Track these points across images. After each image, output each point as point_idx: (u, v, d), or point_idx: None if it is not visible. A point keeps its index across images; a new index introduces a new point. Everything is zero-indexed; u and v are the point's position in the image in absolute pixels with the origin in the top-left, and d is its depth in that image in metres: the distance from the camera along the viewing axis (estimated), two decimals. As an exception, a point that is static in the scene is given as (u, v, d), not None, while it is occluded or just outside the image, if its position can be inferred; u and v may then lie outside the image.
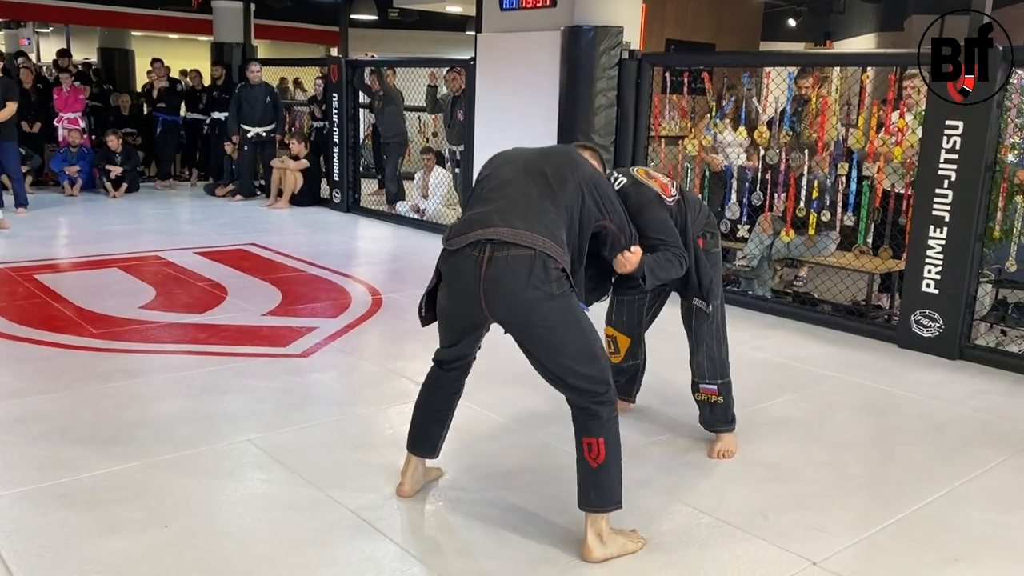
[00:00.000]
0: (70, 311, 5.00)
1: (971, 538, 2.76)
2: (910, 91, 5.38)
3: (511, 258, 2.42)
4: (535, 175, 2.59)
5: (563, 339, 2.47)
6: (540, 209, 2.51)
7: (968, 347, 4.70)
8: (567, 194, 2.56)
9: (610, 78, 6.18)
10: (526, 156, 2.70)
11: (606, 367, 2.54)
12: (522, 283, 2.41)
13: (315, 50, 18.54)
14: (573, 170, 2.61)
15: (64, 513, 2.69)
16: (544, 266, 2.42)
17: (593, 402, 2.49)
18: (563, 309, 2.46)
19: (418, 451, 2.87)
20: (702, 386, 3.34)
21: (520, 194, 2.54)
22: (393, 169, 9.41)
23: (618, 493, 2.55)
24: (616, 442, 2.53)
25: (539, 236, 2.44)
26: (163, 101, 10.71)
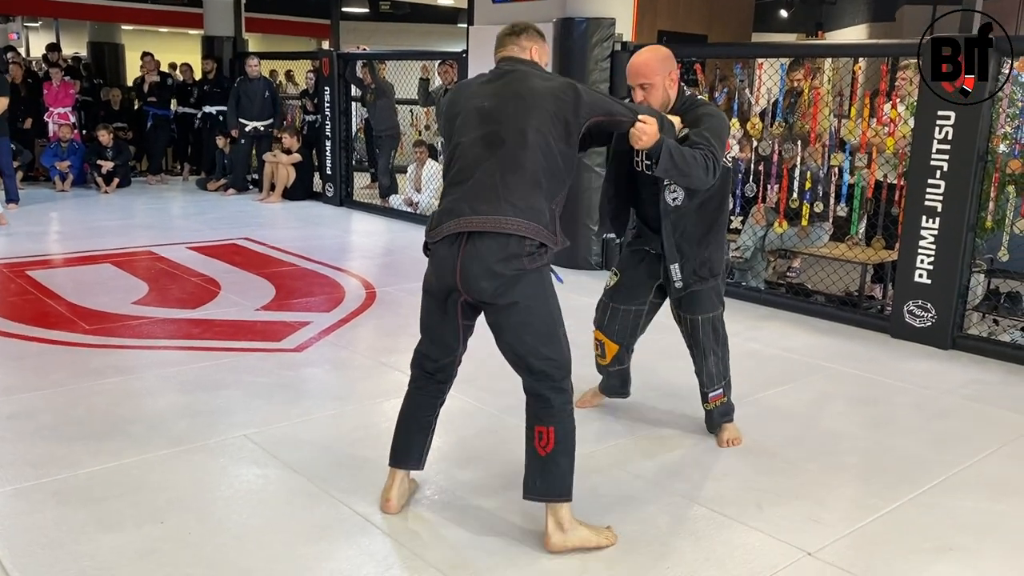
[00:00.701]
0: (62, 307, 4.98)
1: (965, 527, 2.78)
2: (902, 82, 5.38)
3: (486, 240, 2.42)
4: (494, 145, 2.48)
5: (531, 317, 2.47)
6: (505, 187, 2.44)
7: (961, 337, 4.72)
8: (531, 150, 2.45)
9: (603, 70, 6.17)
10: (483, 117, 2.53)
11: (567, 355, 2.54)
12: (494, 260, 2.41)
13: (306, 43, 18.49)
14: (528, 116, 2.47)
15: (59, 510, 2.69)
16: (519, 243, 2.41)
17: (549, 388, 2.50)
18: (535, 284, 2.46)
19: (403, 464, 2.77)
20: (711, 395, 3.33)
21: (486, 174, 2.47)
22: (386, 162, 9.39)
23: (566, 485, 2.52)
24: (569, 433, 2.53)
25: (509, 219, 2.41)
26: (154, 95, 10.66)
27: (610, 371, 3.53)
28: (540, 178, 2.47)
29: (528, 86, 2.55)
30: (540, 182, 2.47)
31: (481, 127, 2.53)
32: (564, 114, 2.50)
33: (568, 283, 2.97)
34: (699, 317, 3.23)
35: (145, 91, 10.74)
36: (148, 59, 10.86)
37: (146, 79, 10.76)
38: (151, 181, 10.64)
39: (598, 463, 3.16)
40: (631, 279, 3.31)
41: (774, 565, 2.51)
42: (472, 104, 2.60)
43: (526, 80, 2.57)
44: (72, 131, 9.84)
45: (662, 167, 2.70)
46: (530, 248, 2.43)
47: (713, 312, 3.25)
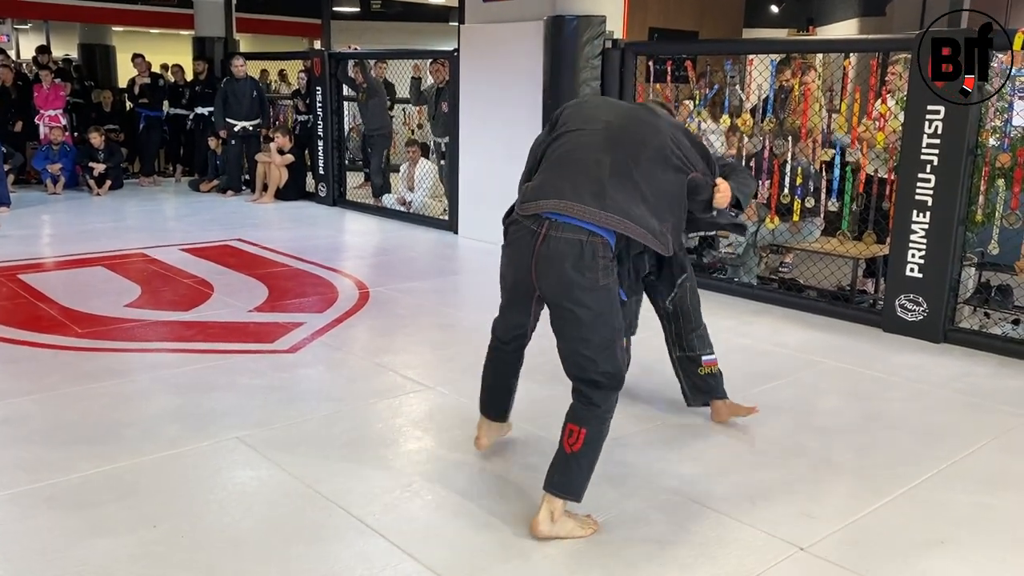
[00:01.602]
0: (55, 311, 4.97)
1: (957, 520, 2.79)
2: (893, 76, 5.40)
3: (563, 240, 2.50)
4: (616, 145, 2.61)
5: (592, 329, 2.53)
6: (614, 185, 2.54)
7: (952, 330, 4.73)
8: (646, 167, 2.59)
9: (594, 68, 6.17)
10: (608, 120, 2.69)
11: (622, 367, 2.61)
12: (569, 265, 2.49)
13: (298, 43, 18.45)
14: (652, 139, 2.63)
15: (52, 515, 2.68)
16: (593, 253, 2.48)
17: (596, 393, 2.57)
18: (601, 300, 2.52)
19: (491, 415, 3.09)
20: (704, 359, 3.42)
21: (595, 163, 2.57)
22: (378, 162, 9.39)
23: (581, 487, 2.60)
24: (598, 439, 2.60)
25: (609, 215, 2.50)
26: (145, 97, 10.63)
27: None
28: (646, 193, 2.58)
29: (658, 121, 2.73)
30: (646, 197, 2.58)
31: (606, 128, 2.66)
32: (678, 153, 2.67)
33: None
34: (687, 283, 3.37)
35: (136, 93, 10.71)
36: (139, 60, 10.83)
37: (137, 81, 10.73)
38: (143, 183, 10.61)
39: (591, 461, 3.16)
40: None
41: (767, 561, 2.52)
42: (600, 110, 2.77)
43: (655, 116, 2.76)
44: (63, 133, 9.81)
45: (745, 207, 3.07)
46: (603, 262, 2.50)
47: (687, 272, 3.39)
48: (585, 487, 2.62)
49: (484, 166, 7.33)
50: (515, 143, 6.92)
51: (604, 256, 2.50)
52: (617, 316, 2.58)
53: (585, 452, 2.58)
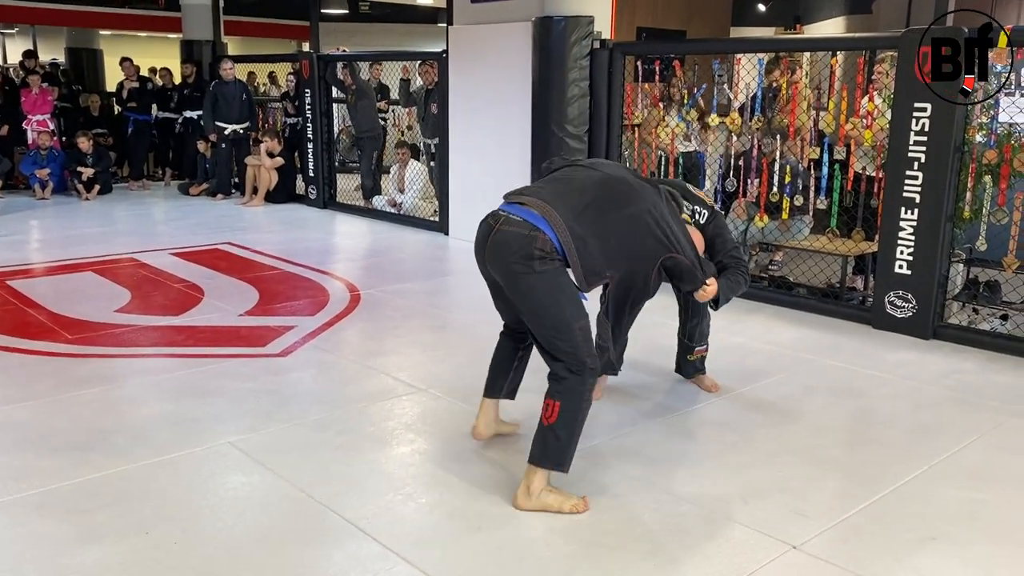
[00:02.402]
0: (44, 316, 4.95)
1: (948, 516, 2.81)
2: (879, 75, 5.42)
3: (510, 232, 2.70)
4: (601, 188, 2.84)
5: (542, 311, 2.72)
6: (587, 214, 2.74)
7: (941, 326, 4.76)
8: (623, 216, 2.79)
9: (582, 68, 6.18)
10: (605, 173, 2.93)
11: (583, 345, 2.71)
12: (510, 253, 2.69)
13: (286, 46, 18.42)
14: (639, 198, 2.85)
15: (42, 523, 2.67)
16: (530, 245, 2.65)
17: (563, 369, 2.72)
18: (543, 284, 2.68)
19: (488, 393, 3.24)
20: (696, 348, 3.84)
21: (580, 192, 2.81)
22: (368, 164, 9.38)
23: (559, 456, 2.74)
24: (573, 412, 2.73)
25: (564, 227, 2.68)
26: (134, 101, 10.59)
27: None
28: (609, 238, 2.77)
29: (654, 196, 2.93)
30: (607, 241, 2.77)
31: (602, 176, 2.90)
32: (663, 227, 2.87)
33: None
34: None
35: (125, 97, 10.67)
36: (127, 64, 10.79)
37: (125, 85, 10.69)
38: (132, 187, 10.57)
39: (581, 461, 3.16)
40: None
41: (760, 559, 2.52)
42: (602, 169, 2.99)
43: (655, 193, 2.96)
44: (51, 138, 9.77)
45: (722, 304, 3.30)
46: (539, 253, 2.65)
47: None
48: (566, 458, 2.75)
49: (474, 167, 7.33)
50: (504, 144, 6.94)
51: (541, 250, 2.65)
52: (566, 302, 2.70)
53: (560, 424, 2.72)
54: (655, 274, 2.97)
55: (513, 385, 3.26)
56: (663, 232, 2.87)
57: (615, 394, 3.82)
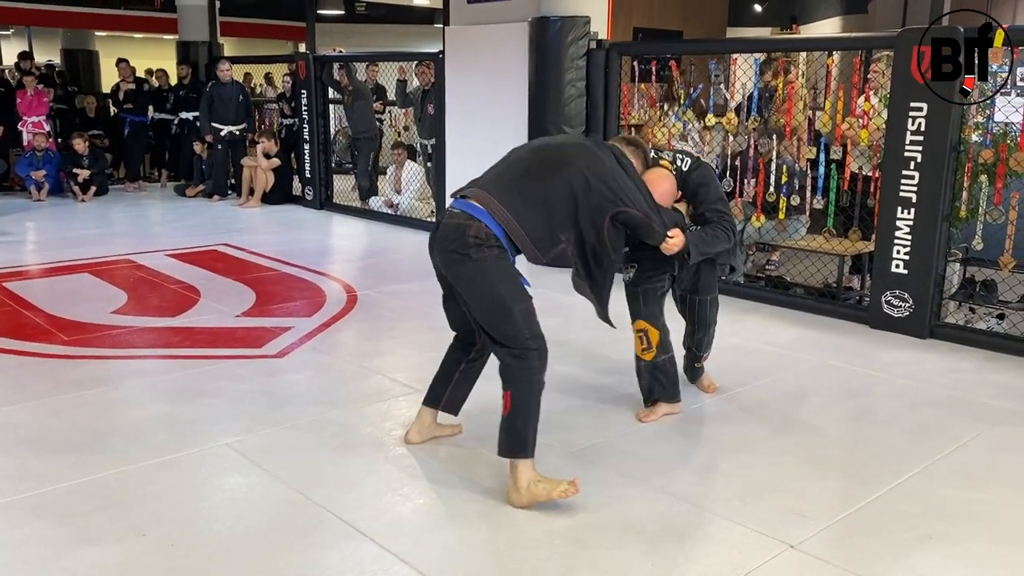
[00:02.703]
0: (40, 318, 4.94)
1: (945, 515, 2.81)
2: (875, 74, 5.42)
3: (448, 224, 2.81)
4: (534, 159, 2.91)
5: (478, 296, 2.79)
6: (522, 187, 2.81)
7: (938, 326, 4.76)
8: (559, 181, 2.81)
9: (579, 68, 6.18)
10: (542, 143, 3.03)
11: (523, 328, 2.76)
12: (447, 245, 2.78)
13: (282, 47, 18.40)
14: (574, 159, 2.86)
15: (38, 525, 2.66)
16: (464, 233, 2.73)
17: (507, 355, 2.78)
18: (480, 269, 2.74)
19: (426, 402, 3.26)
20: (703, 357, 3.84)
21: (508, 168, 2.91)
22: (364, 164, 9.37)
23: (521, 443, 2.77)
24: (524, 397, 2.77)
25: (500, 207, 2.76)
26: (130, 102, 10.58)
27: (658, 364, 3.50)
28: (550, 202, 2.80)
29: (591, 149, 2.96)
30: (549, 205, 2.80)
31: (536, 147, 3.00)
32: (604, 181, 2.85)
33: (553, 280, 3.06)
34: (708, 297, 3.68)
35: (121, 98, 10.66)
36: (124, 66, 10.78)
37: (121, 86, 10.68)
38: (128, 188, 10.55)
39: (581, 461, 3.16)
40: (647, 264, 3.45)
41: (757, 559, 2.52)
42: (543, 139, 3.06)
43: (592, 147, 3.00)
44: (47, 140, 9.75)
45: (693, 260, 3.26)
46: (473, 240, 2.72)
47: (712, 294, 3.71)
48: (525, 443, 2.78)
49: (470, 168, 7.21)
50: (501, 144, 6.88)
51: (476, 236, 2.72)
52: (504, 286, 2.75)
53: (514, 412, 2.77)
54: (607, 230, 2.88)
55: (454, 399, 3.23)
56: (607, 187, 2.84)
57: (613, 394, 3.81)
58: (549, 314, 3.33)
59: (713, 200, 3.37)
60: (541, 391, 2.82)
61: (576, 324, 4.67)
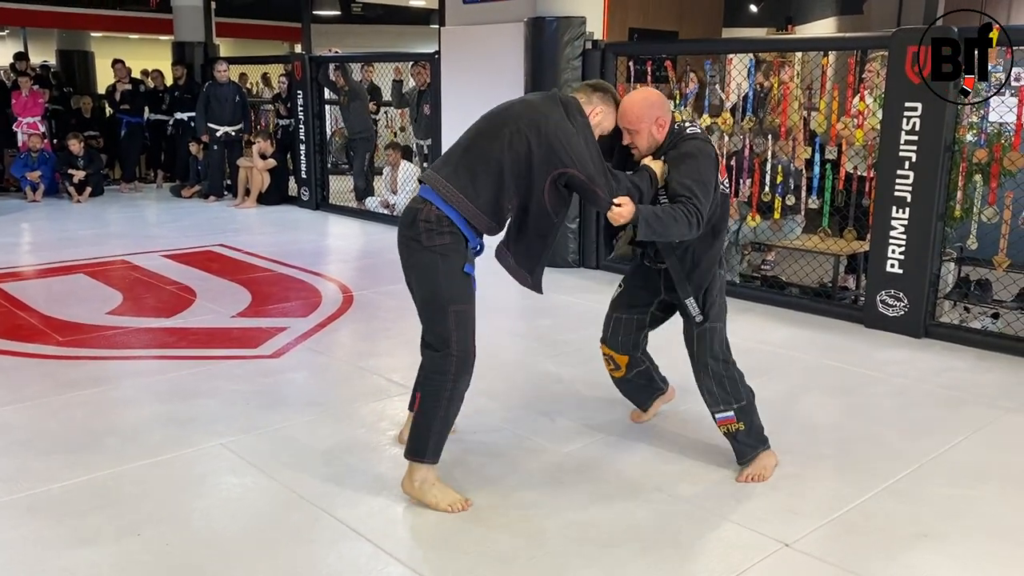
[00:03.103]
0: (35, 319, 4.93)
1: (939, 513, 2.81)
2: (870, 74, 5.44)
3: (406, 210, 2.78)
4: (477, 127, 2.77)
5: (420, 286, 2.75)
6: (466, 159, 2.71)
7: (933, 325, 4.77)
8: (500, 142, 2.66)
9: (574, 68, 6.19)
10: (494, 109, 2.82)
11: (455, 331, 2.69)
12: (403, 230, 2.75)
13: (278, 47, 18.39)
14: (514, 118, 2.69)
15: (34, 525, 2.66)
16: (415, 217, 2.68)
17: (428, 356, 2.76)
18: (428, 259, 2.68)
19: (411, 407, 3.12)
20: (718, 417, 3.07)
21: (456, 144, 2.79)
22: (360, 165, 9.36)
23: (420, 447, 2.74)
24: (433, 402, 2.72)
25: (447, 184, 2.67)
26: (126, 103, 10.56)
27: (630, 379, 3.38)
28: (496, 166, 2.66)
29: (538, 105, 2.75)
30: (496, 170, 2.66)
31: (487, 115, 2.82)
32: (549, 140, 2.64)
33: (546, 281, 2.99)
34: (694, 329, 3.04)
35: (117, 99, 10.64)
36: (120, 66, 10.76)
37: (118, 87, 10.66)
38: (124, 189, 10.54)
39: (576, 460, 3.17)
40: (632, 288, 3.26)
41: (752, 557, 2.53)
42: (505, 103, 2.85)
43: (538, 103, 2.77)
44: (42, 140, 9.73)
45: (642, 234, 2.74)
46: (424, 226, 2.65)
47: (712, 323, 3.02)
48: (424, 448, 2.74)
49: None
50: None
51: (426, 220, 2.65)
52: (447, 281, 2.68)
53: (419, 414, 2.75)
54: (548, 194, 2.67)
55: None
56: (548, 145, 2.62)
57: (607, 393, 3.82)
58: (543, 315, 3.33)
59: (690, 175, 2.80)
60: (455, 401, 2.74)
61: (571, 323, 4.68)
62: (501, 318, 4.81)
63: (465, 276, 2.72)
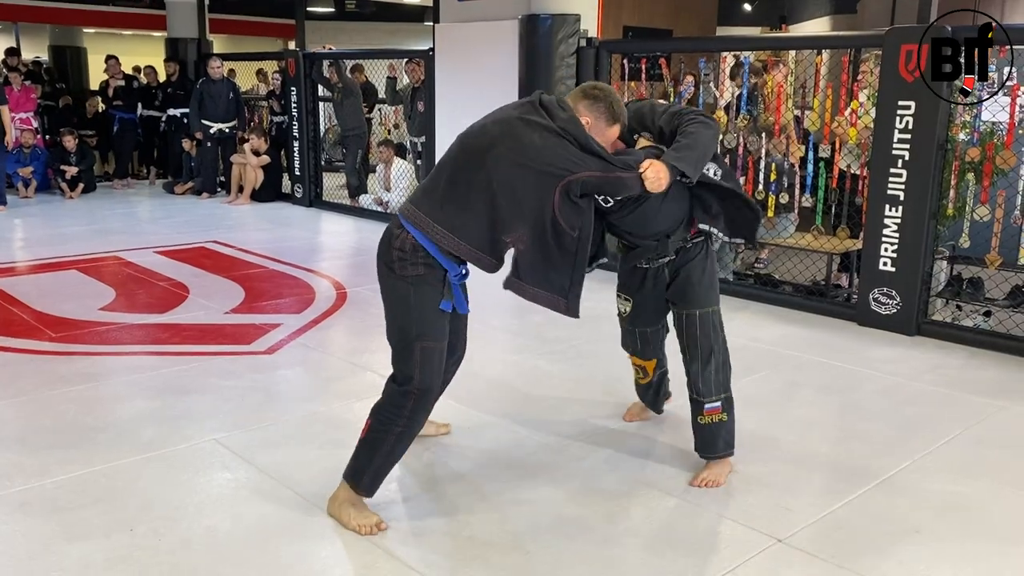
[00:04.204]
0: (27, 315, 4.91)
1: (931, 509, 2.83)
2: (864, 73, 5.45)
3: (385, 231, 2.61)
4: (456, 157, 2.54)
5: (390, 315, 2.60)
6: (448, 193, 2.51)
7: (925, 323, 4.79)
8: (484, 172, 2.45)
9: (569, 66, 6.19)
10: (468, 131, 2.60)
11: (415, 369, 2.52)
12: (379, 253, 2.59)
13: (272, 44, 18.34)
14: (495, 143, 2.46)
15: (26, 522, 2.65)
16: (389, 243, 2.54)
17: (388, 384, 2.60)
18: (400, 290, 2.53)
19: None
20: (706, 407, 2.96)
21: (437, 173, 2.58)
22: (353, 162, 9.35)
23: (358, 476, 2.62)
24: (382, 435, 2.57)
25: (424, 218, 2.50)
26: (120, 99, 10.52)
27: (653, 384, 3.37)
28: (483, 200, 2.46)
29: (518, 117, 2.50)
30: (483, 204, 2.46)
31: (461, 139, 2.58)
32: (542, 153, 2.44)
33: None
34: (696, 312, 2.94)
35: (111, 95, 10.60)
36: (113, 63, 10.72)
37: (111, 83, 10.62)
38: (117, 186, 10.50)
39: (569, 456, 3.17)
40: (646, 302, 3.13)
41: (745, 553, 2.53)
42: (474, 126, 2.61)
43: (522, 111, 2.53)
44: (34, 136, 9.69)
45: (691, 172, 2.61)
46: (397, 254, 2.51)
47: (711, 307, 2.95)
48: (360, 477, 2.61)
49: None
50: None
51: (400, 249, 2.50)
52: (417, 316, 2.52)
53: (366, 442, 2.60)
54: (559, 208, 2.48)
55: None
56: (540, 160, 2.43)
57: (598, 390, 3.82)
58: (535, 311, 3.33)
59: (657, 108, 2.73)
60: (403, 440, 2.59)
61: (563, 320, 4.67)
62: (492, 314, 4.81)
63: (439, 313, 2.54)
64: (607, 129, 2.62)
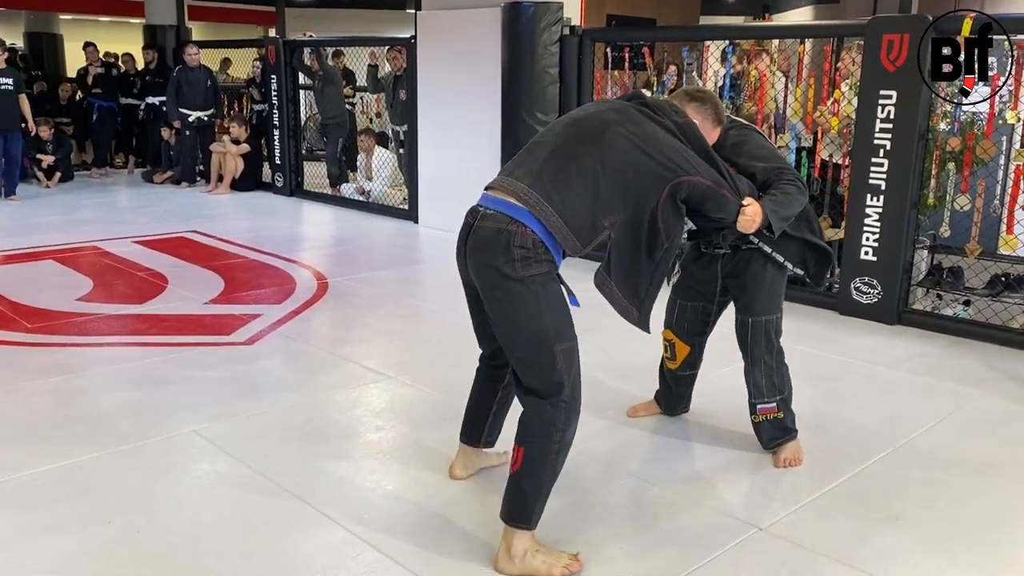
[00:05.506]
0: (3, 306, 4.84)
1: (911, 497, 2.84)
2: (846, 62, 5.46)
3: (487, 229, 2.28)
4: (565, 132, 2.41)
5: (516, 325, 2.30)
6: (550, 167, 2.32)
7: (906, 312, 4.82)
8: (598, 147, 2.32)
9: (552, 54, 6.16)
10: (573, 115, 2.51)
11: (561, 374, 2.31)
12: (487, 257, 2.28)
13: (252, 31, 18.16)
14: (612, 124, 2.36)
15: (2, 514, 2.61)
16: (508, 242, 2.23)
17: (533, 405, 2.33)
18: (525, 293, 2.25)
19: (464, 439, 2.86)
20: (759, 407, 3.06)
21: (542, 146, 2.39)
22: (333, 151, 9.28)
23: (524, 512, 2.34)
24: (539, 460, 2.32)
25: (530, 191, 2.27)
26: (99, 86, 10.39)
27: (678, 376, 3.34)
28: (586, 181, 2.30)
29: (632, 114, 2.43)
30: (585, 185, 2.30)
31: (569, 120, 2.48)
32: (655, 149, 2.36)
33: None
34: (750, 319, 3.02)
35: (90, 83, 10.46)
36: (91, 50, 10.58)
37: (90, 70, 10.48)
38: (95, 175, 10.38)
39: (553, 447, 3.16)
40: (696, 275, 3.15)
41: (726, 541, 2.54)
42: (579, 110, 2.54)
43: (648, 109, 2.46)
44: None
45: (776, 229, 2.67)
46: (519, 252, 2.23)
47: (767, 316, 3.02)
48: (531, 513, 2.34)
49: (443, 154, 7.28)
50: (474, 130, 6.91)
51: (522, 247, 2.23)
52: (550, 318, 2.29)
53: (524, 472, 2.31)
54: (664, 208, 2.38)
55: (494, 434, 2.83)
56: (660, 152, 2.35)
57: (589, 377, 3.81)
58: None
59: (757, 155, 2.73)
60: (562, 454, 2.35)
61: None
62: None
63: (568, 309, 2.34)
64: (712, 131, 2.67)
